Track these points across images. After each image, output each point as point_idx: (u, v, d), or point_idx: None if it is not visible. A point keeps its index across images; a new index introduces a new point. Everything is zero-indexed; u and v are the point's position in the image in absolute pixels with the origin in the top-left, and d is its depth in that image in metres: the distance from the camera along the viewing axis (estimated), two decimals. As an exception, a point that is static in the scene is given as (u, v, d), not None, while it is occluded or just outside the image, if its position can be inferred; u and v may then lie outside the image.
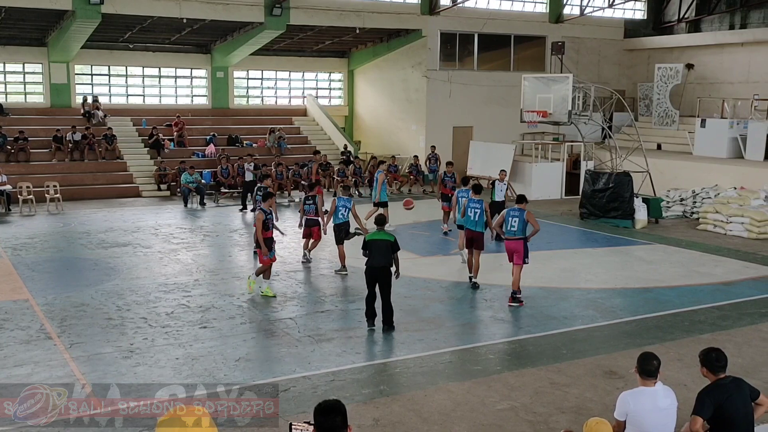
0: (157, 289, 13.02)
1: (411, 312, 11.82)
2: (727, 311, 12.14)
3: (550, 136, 28.13)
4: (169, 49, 29.27)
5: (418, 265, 15.11)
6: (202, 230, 18.91)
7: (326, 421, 4.23)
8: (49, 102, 27.33)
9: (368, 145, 31.66)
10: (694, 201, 21.13)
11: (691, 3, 32.52)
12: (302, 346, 10.17)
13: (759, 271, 15.00)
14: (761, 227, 18.17)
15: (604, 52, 32.71)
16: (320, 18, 26.48)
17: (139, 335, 10.55)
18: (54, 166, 24.40)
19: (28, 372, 9.08)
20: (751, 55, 28.95)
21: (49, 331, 10.65)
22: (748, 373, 8.65)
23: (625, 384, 8.31)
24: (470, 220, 13.32)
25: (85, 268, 14.87)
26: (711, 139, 25.81)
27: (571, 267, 15.57)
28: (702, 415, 5.75)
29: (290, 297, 12.68)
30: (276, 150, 27.68)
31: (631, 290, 13.59)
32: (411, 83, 29.54)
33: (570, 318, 11.81)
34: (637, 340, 10.50)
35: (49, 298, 12.33)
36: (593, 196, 20.54)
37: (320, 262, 15.48)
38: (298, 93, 32.58)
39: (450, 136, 28.91)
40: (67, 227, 19.04)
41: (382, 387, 8.82)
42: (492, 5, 29.97)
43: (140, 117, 27.94)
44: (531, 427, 7.83)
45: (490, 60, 30.56)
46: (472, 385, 8.93)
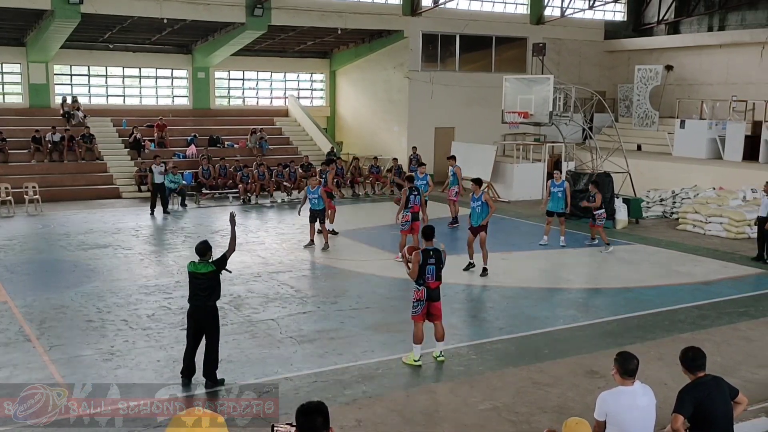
0: (137, 291, 12.93)
1: (393, 313, 11.81)
2: (707, 310, 12.25)
3: (531, 137, 28.23)
4: (149, 50, 29.06)
5: (400, 266, 15.10)
6: (183, 231, 18.80)
7: (308, 422, 4.22)
8: (28, 102, 27.04)
9: (350, 146, 31.63)
10: (673, 201, 21.30)
11: (670, 5, 32.81)
12: (284, 347, 10.14)
13: (737, 270, 15.16)
14: (739, 227, 18.36)
15: (584, 54, 32.91)
16: (302, 18, 26.42)
17: (119, 337, 10.47)
18: (33, 167, 24.16)
19: (6, 375, 8.99)
20: (730, 56, 29.25)
21: (28, 334, 10.54)
22: (727, 371, 8.73)
23: (606, 383, 8.35)
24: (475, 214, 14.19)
25: (65, 269, 14.73)
26: (690, 139, 26.04)
27: (552, 267, 15.66)
28: (682, 413, 5.79)
29: (272, 298, 12.63)
30: (258, 151, 27.59)
31: (612, 290, 13.68)
32: (393, 84, 29.56)
33: (551, 318, 11.86)
34: (618, 340, 10.56)
35: (28, 300, 12.20)
36: (574, 196, 20.60)
37: (302, 263, 15.46)
38: (279, 94, 32.49)
39: (432, 137, 28.97)
40: (47, 229, 18.86)
41: (364, 388, 8.81)
42: (473, 6, 30.07)
43: (120, 117, 27.72)
44: (513, 426, 7.86)
45: (471, 61, 30.65)
46: (454, 385, 8.95)
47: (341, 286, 13.58)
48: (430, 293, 9.51)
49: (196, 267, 8.79)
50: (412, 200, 15.15)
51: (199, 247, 8.92)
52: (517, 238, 18.39)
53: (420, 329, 9.50)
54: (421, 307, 9.49)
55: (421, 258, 9.40)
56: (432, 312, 9.58)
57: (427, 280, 9.46)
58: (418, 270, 9.39)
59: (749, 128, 25.45)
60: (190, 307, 8.85)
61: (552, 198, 17.01)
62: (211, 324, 8.81)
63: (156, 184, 21.15)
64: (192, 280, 8.79)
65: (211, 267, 8.76)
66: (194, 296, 8.77)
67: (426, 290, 9.49)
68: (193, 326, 8.83)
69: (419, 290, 9.49)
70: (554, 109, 22.13)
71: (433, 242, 9.68)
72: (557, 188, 16.96)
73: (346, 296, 12.81)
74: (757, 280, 14.42)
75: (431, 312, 9.58)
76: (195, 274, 8.75)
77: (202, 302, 8.73)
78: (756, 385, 8.92)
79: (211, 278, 8.74)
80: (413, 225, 15.09)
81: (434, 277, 9.49)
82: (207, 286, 8.72)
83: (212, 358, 8.79)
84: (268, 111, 31.68)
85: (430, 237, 9.71)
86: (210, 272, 8.73)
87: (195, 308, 8.78)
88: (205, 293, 8.72)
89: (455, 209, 19.56)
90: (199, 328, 8.80)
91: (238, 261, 13.50)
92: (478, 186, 14.47)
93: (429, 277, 9.46)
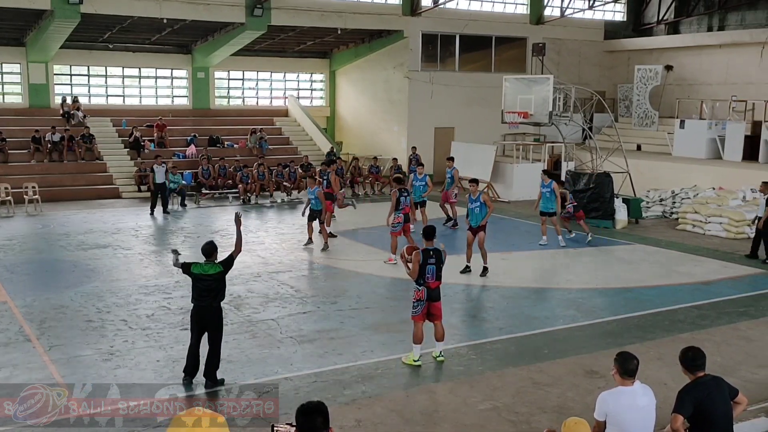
0: (137, 291, 12.93)
1: (393, 313, 11.81)
2: (706, 310, 12.25)
3: (530, 137, 28.24)
4: (149, 50, 29.06)
5: (399, 266, 15.11)
6: (183, 232, 18.80)
7: (308, 422, 4.23)
8: (28, 102, 27.04)
9: (350, 146, 31.63)
10: (673, 201, 21.31)
11: (670, 5, 32.82)
12: (284, 347, 10.14)
13: (737, 270, 15.16)
14: (739, 227, 18.36)
15: (584, 54, 32.92)
16: (302, 19, 26.42)
17: (119, 337, 10.47)
18: (33, 167, 24.16)
19: (6, 375, 8.99)
20: (729, 56, 29.26)
21: (28, 334, 10.54)
22: (727, 371, 8.73)
23: (606, 383, 8.35)
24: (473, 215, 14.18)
25: (65, 269, 14.73)
26: (690, 139, 26.04)
27: (552, 267, 15.67)
28: (682, 413, 5.80)
29: (272, 298, 12.63)
30: (257, 151, 27.58)
31: (612, 290, 13.68)
32: (393, 84, 29.56)
33: (551, 318, 11.86)
34: (618, 340, 10.56)
35: (28, 300, 12.20)
36: (574, 196, 20.62)
37: (302, 263, 15.47)
38: (279, 94, 32.48)
39: (432, 137, 28.97)
40: (47, 229, 18.86)
41: (364, 388, 8.81)
42: (473, 6, 30.07)
43: (120, 117, 27.72)
44: (513, 426, 7.86)
45: (471, 61, 30.66)
46: (454, 385, 8.95)
47: (341, 286, 13.58)
48: (431, 293, 9.51)
49: (203, 268, 8.69)
50: (403, 201, 15.11)
51: (206, 247, 8.87)
52: (517, 238, 18.38)
53: (420, 329, 9.51)
54: (421, 307, 9.49)
55: (422, 258, 9.40)
56: (432, 312, 9.58)
57: (427, 280, 9.46)
58: (419, 270, 9.38)
59: (749, 128, 25.45)
60: (195, 308, 8.76)
61: (542, 198, 17.00)
62: (216, 325, 8.77)
63: (157, 184, 21.13)
64: (197, 282, 8.67)
65: (219, 268, 8.71)
66: (200, 297, 8.66)
67: (426, 290, 9.48)
68: (197, 326, 8.76)
69: (419, 290, 9.49)
70: (554, 109, 22.12)
71: (433, 242, 9.66)
72: (545, 188, 16.92)
73: (345, 296, 12.81)
74: (756, 280, 14.41)
75: (431, 312, 9.58)
76: (202, 275, 8.64)
77: (208, 303, 8.64)
78: (756, 385, 8.92)
79: (219, 279, 8.68)
80: (405, 227, 15.09)
81: (434, 277, 9.49)
82: (214, 288, 8.65)
83: (215, 358, 8.76)
84: (268, 111, 31.68)
85: (431, 237, 9.69)
86: (218, 273, 8.68)
87: (200, 309, 8.69)
88: (211, 294, 8.64)
89: (454, 211, 19.53)
90: (203, 328, 8.74)
91: (238, 261, 13.35)
92: (476, 186, 14.49)
93: (429, 276, 9.45)
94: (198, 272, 8.69)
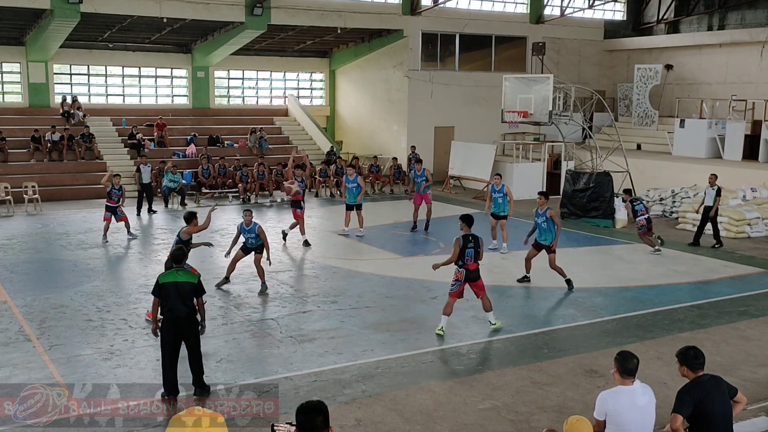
0: (137, 290, 12.93)
1: (393, 312, 11.82)
2: (706, 310, 12.26)
3: (530, 137, 28.25)
4: (149, 49, 29.07)
5: (399, 266, 15.14)
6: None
7: (308, 422, 4.23)
8: (28, 102, 27.04)
9: (350, 146, 31.64)
10: (673, 200, 21.31)
11: (670, 4, 32.81)
12: (284, 347, 10.15)
13: (737, 269, 15.16)
14: (739, 226, 18.37)
15: (584, 53, 32.91)
16: (301, 18, 26.42)
17: (119, 337, 10.48)
18: (32, 166, 24.16)
19: (6, 374, 8.99)
20: (729, 56, 29.25)
21: (28, 333, 10.54)
22: (727, 371, 8.74)
23: (605, 383, 8.36)
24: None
25: (65, 269, 14.74)
26: (690, 139, 26.03)
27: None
28: (682, 412, 5.80)
29: (272, 297, 12.64)
30: (257, 150, 27.59)
31: (612, 289, 13.68)
32: (392, 83, 29.56)
33: (551, 317, 11.88)
34: (618, 339, 10.57)
35: (27, 300, 12.21)
36: (574, 195, 20.66)
37: (302, 263, 15.47)
38: (279, 93, 32.49)
39: (431, 137, 28.97)
40: (46, 228, 18.86)
41: (364, 387, 8.82)
42: (473, 6, 30.05)
43: (120, 117, 27.73)
44: (513, 426, 7.86)
45: (471, 60, 30.65)
46: (454, 384, 8.95)
47: (341, 285, 13.58)
48: (469, 274, 10.55)
49: (176, 276, 8.24)
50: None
51: (176, 253, 8.49)
52: (517, 237, 18.33)
53: (451, 304, 10.65)
54: (458, 286, 10.55)
55: (462, 242, 10.45)
56: (474, 290, 10.71)
57: (466, 262, 10.50)
58: (459, 253, 10.40)
59: (749, 127, 25.46)
60: (168, 320, 8.17)
61: (494, 203, 16.44)
62: (195, 332, 8.35)
63: (143, 184, 21.41)
64: (171, 291, 8.14)
65: (192, 280, 8.28)
66: (174, 307, 8.13)
67: (465, 271, 10.52)
68: (171, 341, 8.17)
69: (460, 271, 10.52)
70: (554, 109, 22.14)
71: (470, 229, 10.64)
72: (497, 194, 16.38)
73: (345, 296, 12.81)
74: (756, 280, 14.42)
75: (474, 290, 10.70)
76: (175, 283, 8.17)
77: (183, 311, 8.16)
78: (755, 384, 8.92)
79: (195, 288, 8.29)
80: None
81: (473, 260, 10.53)
82: (188, 296, 8.22)
83: (199, 365, 8.40)
84: (268, 110, 31.68)
85: (470, 224, 10.68)
86: (190, 284, 8.25)
87: (175, 319, 8.14)
88: (187, 301, 8.19)
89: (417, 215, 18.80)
90: (178, 339, 8.22)
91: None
92: (545, 200, 13.38)
93: (468, 259, 10.51)
94: (171, 281, 8.21)
